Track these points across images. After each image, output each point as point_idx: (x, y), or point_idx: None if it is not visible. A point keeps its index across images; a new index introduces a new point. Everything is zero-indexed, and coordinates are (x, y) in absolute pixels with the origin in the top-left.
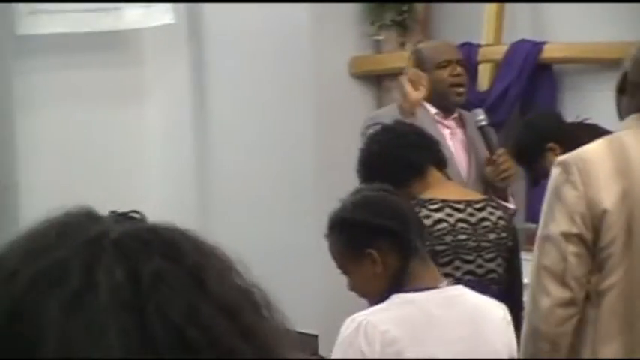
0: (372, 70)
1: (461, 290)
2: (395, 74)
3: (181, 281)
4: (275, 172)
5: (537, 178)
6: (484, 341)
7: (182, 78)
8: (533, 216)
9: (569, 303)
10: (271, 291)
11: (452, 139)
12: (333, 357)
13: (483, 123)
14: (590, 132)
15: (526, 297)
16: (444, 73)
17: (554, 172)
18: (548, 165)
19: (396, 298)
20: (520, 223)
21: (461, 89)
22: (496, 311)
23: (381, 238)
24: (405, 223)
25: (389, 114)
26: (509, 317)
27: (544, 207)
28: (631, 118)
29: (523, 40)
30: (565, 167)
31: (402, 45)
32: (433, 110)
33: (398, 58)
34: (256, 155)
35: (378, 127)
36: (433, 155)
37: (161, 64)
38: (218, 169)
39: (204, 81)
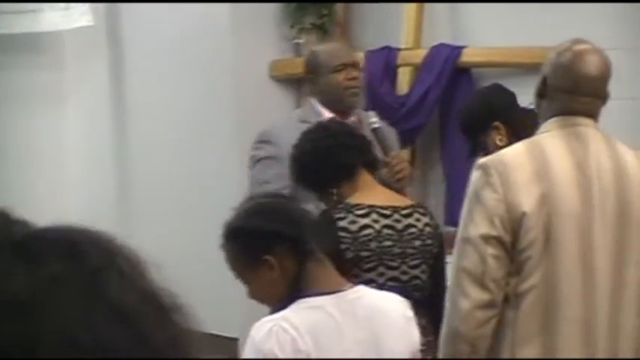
0: (292, 74)
1: (361, 292)
2: None
3: (78, 285)
4: (196, 174)
5: (475, 151)
6: (382, 343)
7: (102, 80)
8: (452, 220)
9: (488, 305)
10: (188, 293)
11: None
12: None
13: (376, 125)
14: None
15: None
16: (340, 77)
17: (475, 175)
18: (489, 142)
19: (303, 303)
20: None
21: (355, 90)
22: (395, 309)
23: (277, 244)
24: (299, 227)
25: (282, 129)
26: (409, 313)
27: (464, 209)
28: (551, 122)
29: (442, 44)
30: (485, 170)
31: None
32: (328, 114)
33: None
34: (177, 157)
35: (308, 130)
36: (365, 157)
37: (81, 67)
38: (138, 171)
39: (124, 83)
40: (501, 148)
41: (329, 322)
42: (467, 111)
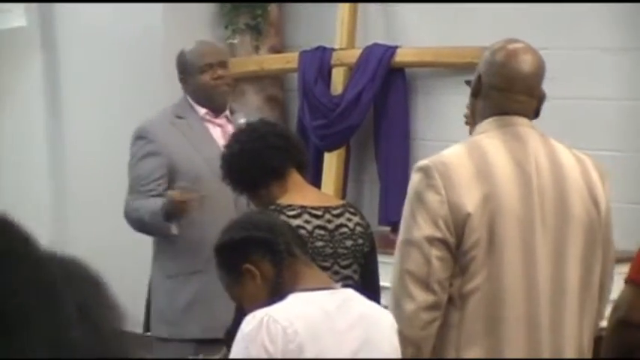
0: None
1: (352, 293)
2: (249, 78)
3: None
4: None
5: None
6: (375, 342)
7: (35, 80)
8: (387, 219)
9: (432, 307)
10: (124, 292)
11: (223, 137)
12: (232, 353)
13: (242, 120)
14: None
15: (384, 300)
16: (207, 77)
17: (415, 177)
18: None
19: (294, 297)
20: (374, 226)
21: (223, 88)
22: (384, 317)
23: (252, 251)
24: (269, 231)
25: (157, 125)
26: (396, 325)
27: (405, 212)
28: (487, 122)
29: (376, 44)
30: (426, 172)
31: (257, 49)
32: (202, 111)
33: (252, 61)
34: (111, 155)
35: (242, 125)
36: (293, 158)
37: (13, 68)
38: (73, 172)
39: (58, 83)
40: None
41: (322, 313)
42: None
